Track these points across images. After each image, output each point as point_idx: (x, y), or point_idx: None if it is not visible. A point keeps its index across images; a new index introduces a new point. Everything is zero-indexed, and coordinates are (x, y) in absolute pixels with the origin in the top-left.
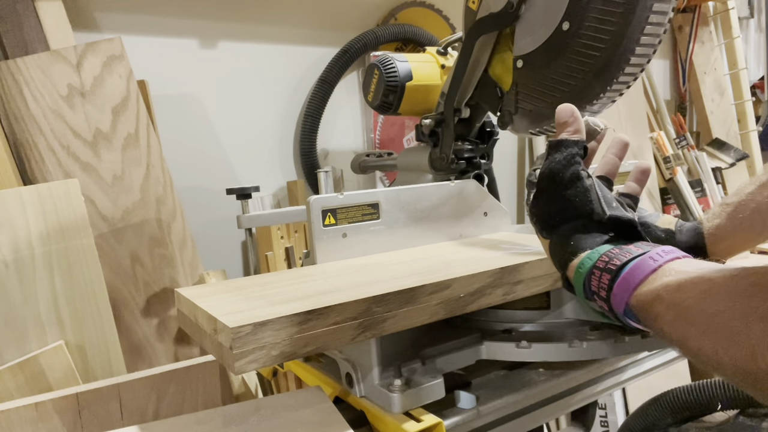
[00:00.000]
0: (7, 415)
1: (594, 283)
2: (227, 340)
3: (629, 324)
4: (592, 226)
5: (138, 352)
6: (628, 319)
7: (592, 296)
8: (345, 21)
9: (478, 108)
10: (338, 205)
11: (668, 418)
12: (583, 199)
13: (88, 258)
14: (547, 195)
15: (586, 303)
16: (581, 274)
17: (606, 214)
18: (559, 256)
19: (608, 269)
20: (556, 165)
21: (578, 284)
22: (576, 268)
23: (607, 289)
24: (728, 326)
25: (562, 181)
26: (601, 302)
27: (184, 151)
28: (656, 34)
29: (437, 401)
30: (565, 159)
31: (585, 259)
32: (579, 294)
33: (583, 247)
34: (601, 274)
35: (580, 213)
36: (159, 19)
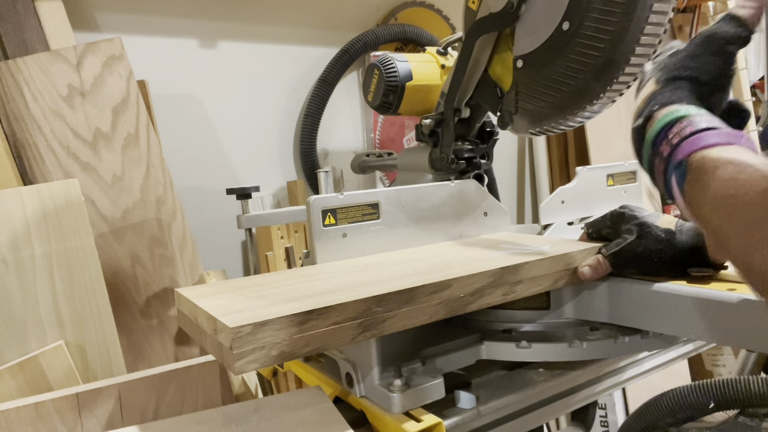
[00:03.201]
0: (7, 415)
1: (675, 129)
2: (227, 340)
3: (670, 187)
4: (711, 97)
5: (138, 352)
6: (672, 177)
7: (661, 141)
8: (345, 21)
9: (478, 108)
10: (338, 205)
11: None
12: (720, 70)
13: (88, 258)
14: (693, 48)
15: (644, 148)
16: (670, 117)
17: (727, 96)
18: (659, 99)
19: (695, 123)
20: (719, 30)
21: (658, 126)
22: (669, 112)
23: (683, 137)
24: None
25: (717, 43)
26: (666, 146)
27: (184, 151)
28: (656, 34)
29: (437, 401)
30: (730, 33)
31: (684, 109)
32: (648, 139)
33: (689, 102)
34: (686, 125)
35: (710, 78)
36: (159, 19)
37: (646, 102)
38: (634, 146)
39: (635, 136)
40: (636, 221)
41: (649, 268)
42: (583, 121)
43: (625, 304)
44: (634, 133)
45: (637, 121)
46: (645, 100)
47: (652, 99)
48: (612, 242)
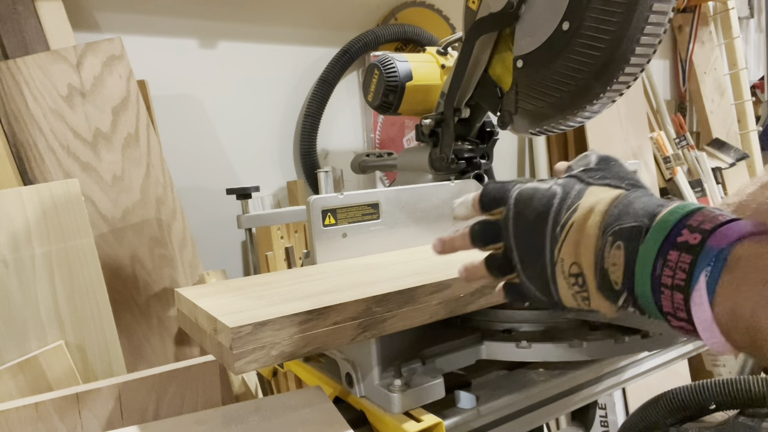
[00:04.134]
0: (7, 415)
1: (699, 218)
2: (227, 340)
3: (689, 287)
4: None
5: (138, 352)
6: (702, 275)
7: (680, 231)
8: (345, 21)
9: (478, 108)
10: (338, 205)
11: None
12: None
13: (88, 258)
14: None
15: (644, 248)
16: (686, 209)
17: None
18: (646, 205)
19: (722, 213)
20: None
21: (672, 216)
22: (680, 205)
23: (718, 224)
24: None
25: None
26: (695, 235)
27: (184, 151)
28: (656, 34)
29: (437, 401)
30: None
31: (695, 204)
32: (657, 230)
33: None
34: (716, 214)
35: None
36: (159, 19)
37: (615, 205)
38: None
39: (625, 237)
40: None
41: None
42: (583, 121)
43: None
44: (622, 235)
45: (616, 225)
46: (611, 203)
47: (630, 203)
48: None
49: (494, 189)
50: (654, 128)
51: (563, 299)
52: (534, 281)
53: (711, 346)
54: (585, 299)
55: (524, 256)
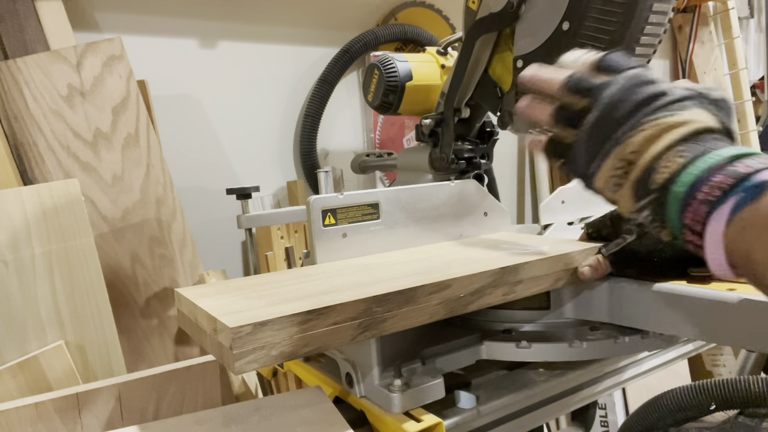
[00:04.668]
0: (7, 415)
1: (754, 161)
2: (227, 340)
3: (712, 210)
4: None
5: (138, 352)
6: (730, 200)
7: (722, 167)
8: (345, 21)
9: (478, 108)
10: (338, 205)
11: (668, 419)
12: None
13: (88, 258)
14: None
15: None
16: (744, 151)
17: None
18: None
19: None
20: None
21: (733, 153)
22: (740, 149)
23: (762, 168)
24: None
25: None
26: (743, 166)
27: (184, 151)
28: (656, 34)
29: (437, 401)
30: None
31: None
32: (713, 159)
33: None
34: (764, 161)
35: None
36: (159, 19)
37: (702, 133)
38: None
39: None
40: (636, 221)
41: (649, 268)
42: None
43: (625, 304)
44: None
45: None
46: (702, 130)
47: (717, 139)
48: (612, 242)
49: (619, 58)
50: None
51: (598, 176)
52: (588, 145)
53: (711, 263)
54: (616, 185)
55: (602, 120)
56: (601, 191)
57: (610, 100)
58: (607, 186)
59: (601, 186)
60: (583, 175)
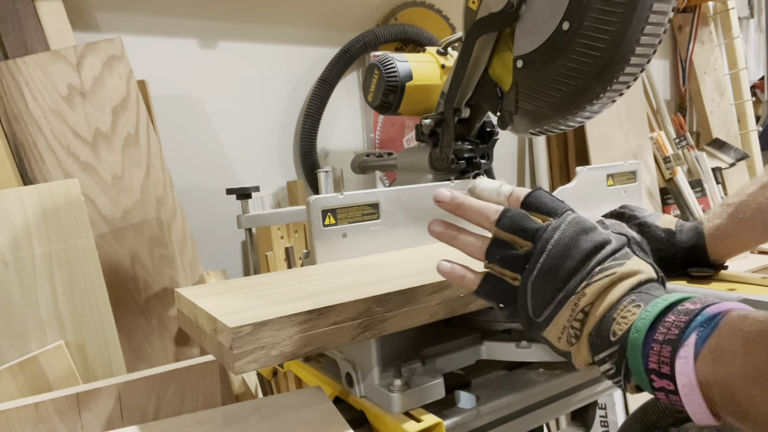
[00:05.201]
0: (7, 415)
1: (692, 302)
2: (227, 340)
3: (677, 347)
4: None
5: (138, 352)
6: (691, 336)
7: (675, 308)
8: (345, 21)
9: (478, 108)
10: (338, 205)
11: (668, 418)
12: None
13: (88, 258)
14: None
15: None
16: (676, 297)
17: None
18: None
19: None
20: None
21: (680, 297)
22: (684, 294)
23: (710, 303)
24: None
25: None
26: (695, 304)
27: (184, 151)
28: (656, 34)
29: (437, 401)
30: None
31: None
32: (663, 302)
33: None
34: (705, 300)
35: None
36: (159, 19)
37: (651, 281)
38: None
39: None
40: (636, 221)
41: None
42: (583, 121)
43: None
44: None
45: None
46: (649, 279)
47: (660, 287)
48: None
49: (548, 199)
50: (654, 128)
51: (551, 327)
52: (535, 293)
53: (689, 407)
54: (572, 337)
55: (552, 268)
56: (555, 342)
57: (558, 246)
58: (562, 337)
59: (555, 337)
60: (532, 323)
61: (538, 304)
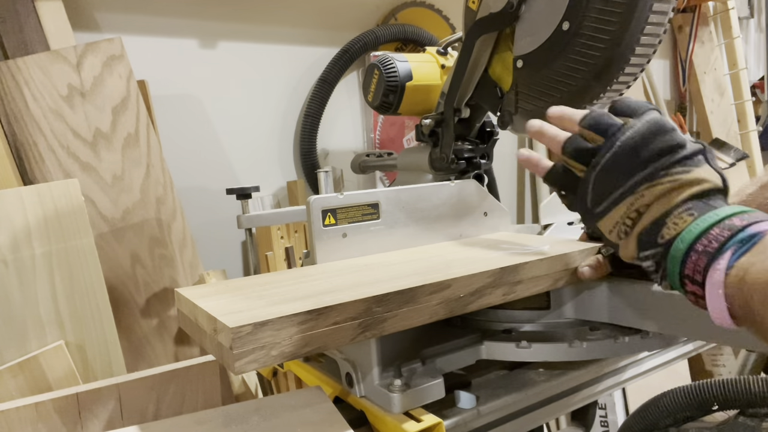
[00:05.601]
0: (7, 415)
1: (749, 215)
2: (227, 340)
3: (714, 259)
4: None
5: (138, 352)
6: (728, 251)
7: (722, 222)
8: (345, 21)
9: (478, 108)
10: (338, 205)
11: (668, 419)
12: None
13: (88, 258)
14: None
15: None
16: (740, 209)
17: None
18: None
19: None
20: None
21: (732, 211)
22: (738, 207)
23: (754, 222)
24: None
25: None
26: (740, 220)
27: (184, 151)
28: (656, 34)
29: (437, 401)
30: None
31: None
32: (714, 216)
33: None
34: (756, 216)
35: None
36: (159, 19)
37: (712, 191)
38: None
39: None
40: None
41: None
42: None
43: (625, 304)
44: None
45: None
46: (711, 188)
47: (722, 199)
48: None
49: (633, 101)
50: None
51: (605, 220)
52: (596, 185)
53: (712, 312)
54: (622, 232)
55: (616, 163)
56: (606, 233)
57: (626, 144)
58: (614, 230)
59: (607, 229)
60: (588, 212)
61: (596, 197)
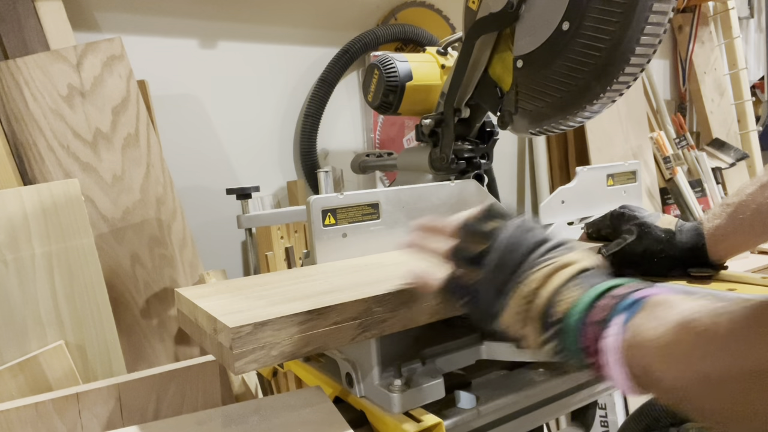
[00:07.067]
0: (7, 415)
1: (624, 287)
2: (227, 340)
3: (606, 325)
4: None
5: (138, 352)
6: (618, 317)
7: (606, 294)
8: (345, 21)
9: (478, 108)
10: (338, 205)
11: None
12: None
13: (88, 258)
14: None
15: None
16: (622, 281)
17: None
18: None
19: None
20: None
21: (613, 284)
22: (619, 280)
23: (639, 288)
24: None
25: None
26: (623, 289)
27: (184, 151)
28: (656, 34)
29: (437, 401)
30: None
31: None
32: (600, 288)
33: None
34: (636, 285)
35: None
36: (159, 19)
37: (591, 268)
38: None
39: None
40: (636, 221)
41: (649, 268)
42: (583, 121)
43: None
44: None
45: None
46: (588, 267)
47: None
48: (612, 242)
49: (501, 208)
50: (654, 128)
51: (505, 316)
52: (491, 285)
53: (615, 380)
54: (521, 321)
55: (502, 261)
56: (509, 330)
57: (507, 243)
58: (512, 323)
59: (506, 323)
60: (489, 313)
61: (492, 295)
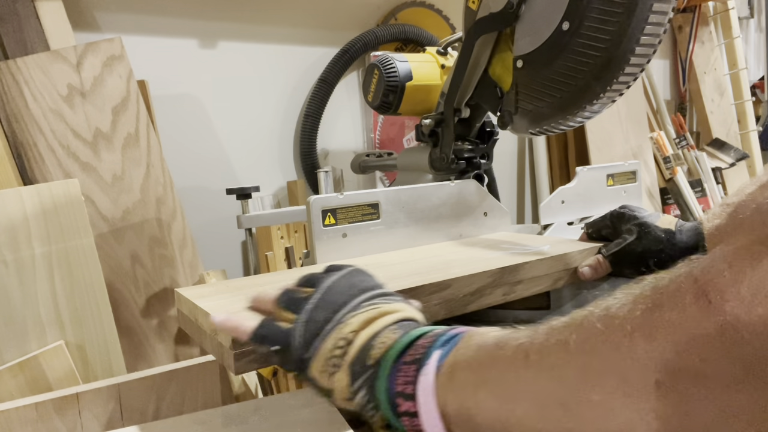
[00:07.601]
0: (7, 415)
1: (434, 332)
2: (227, 340)
3: (422, 365)
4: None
5: (138, 352)
6: (434, 354)
7: (418, 340)
8: (345, 21)
9: (478, 108)
10: (338, 205)
11: None
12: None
13: (88, 258)
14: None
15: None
16: (443, 327)
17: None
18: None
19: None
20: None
21: (414, 333)
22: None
23: (448, 330)
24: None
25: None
26: (433, 335)
27: (184, 151)
28: (656, 34)
29: None
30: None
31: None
32: (418, 332)
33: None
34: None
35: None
36: (159, 19)
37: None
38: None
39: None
40: (636, 221)
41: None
42: (583, 121)
43: None
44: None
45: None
46: (410, 313)
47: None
48: (612, 242)
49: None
50: (654, 128)
51: (316, 360)
52: (308, 327)
53: (426, 424)
54: (332, 366)
55: (323, 302)
56: (318, 375)
57: (334, 286)
58: (325, 369)
59: (318, 369)
60: (299, 360)
61: (308, 337)
